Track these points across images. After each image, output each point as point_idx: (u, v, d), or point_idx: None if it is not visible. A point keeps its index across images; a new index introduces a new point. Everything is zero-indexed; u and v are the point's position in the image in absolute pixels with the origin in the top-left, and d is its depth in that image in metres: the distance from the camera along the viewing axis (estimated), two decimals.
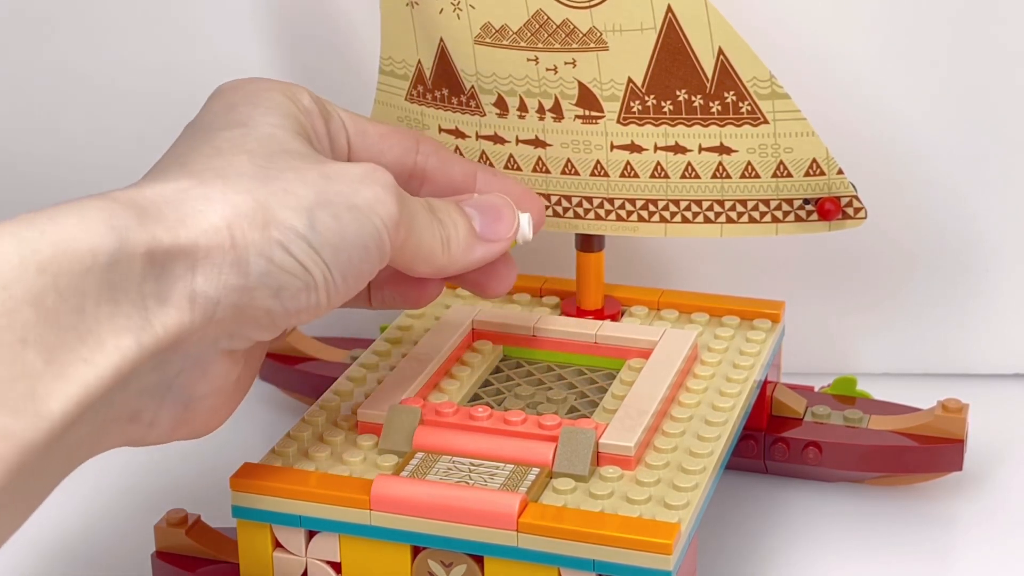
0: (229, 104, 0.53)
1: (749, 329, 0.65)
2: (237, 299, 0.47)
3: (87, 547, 0.63)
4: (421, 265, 0.53)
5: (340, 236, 0.48)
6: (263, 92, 0.53)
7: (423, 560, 0.52)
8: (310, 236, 0.48)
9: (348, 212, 0.49)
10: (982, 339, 0.74)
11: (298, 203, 0.48)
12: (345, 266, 0.49)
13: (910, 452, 0.64)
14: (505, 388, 0.61)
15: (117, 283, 0.44)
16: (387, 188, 0.50)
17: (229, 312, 0.47)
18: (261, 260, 0.47)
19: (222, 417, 0.51)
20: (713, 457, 0.55)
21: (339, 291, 0.49)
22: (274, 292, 0.47)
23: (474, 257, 0.55)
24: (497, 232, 0.55)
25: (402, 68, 0.65)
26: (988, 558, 0.62)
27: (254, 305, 0.47)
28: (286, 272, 0.47)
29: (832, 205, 0.61)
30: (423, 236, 0.52)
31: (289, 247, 0.47)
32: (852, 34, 0.68)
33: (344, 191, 0.49)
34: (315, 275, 0.48)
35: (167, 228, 0.45)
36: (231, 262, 0.46)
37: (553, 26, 0.59)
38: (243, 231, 0.46)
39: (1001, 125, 0.70)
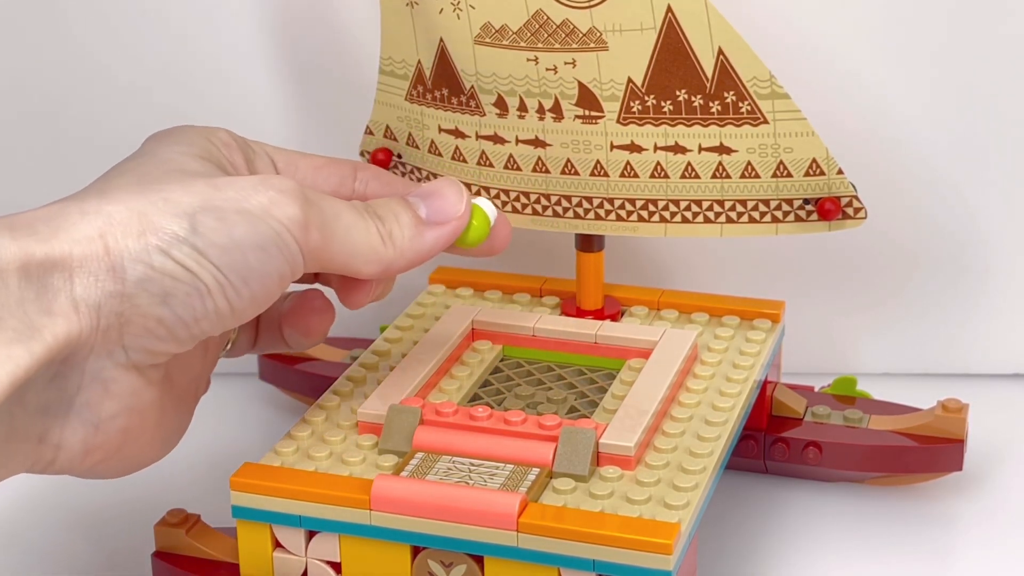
0: (142, 145, 0.53)
1: (749, 329, 0.65)
2: (119, 306, 0.46)
3: (87, 547, 0.63)
4: (364, 265, 0.52)
5: (228, 237, 0.47)
6: (177, 131, 0.53)
7: (423, 560, 0.52)
8: (192, 239, 0.47)
9: (237, 215, 0.48)
10: (982, 339, 0.75)
11: (178, 209, 0.47)
12: (242, 269, 0.48)
13: (910, 452, 0.64)
14: (505, 388, 0.61)
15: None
16: (284, 192, 0.49)
17: (114, 320, 0.47)
18: (139, 265, 0.46)
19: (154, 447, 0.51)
20: (713, 457, 0.55)
21: (242, 296, 0.48)
22: (161, 299, 0.47)
23: (426, 243, 0.53)
24: (445, 213, 0.54)
25: (402, 68, 0.65)
26: (988, 558, 0.62)
27: (141, 313, 0.47)
28: (169, 277, 0.47)
29: (832, 205, 0.61)
30: (353, 235, 0.51)
31: (170, 251, 0.47)
32: (852, 34, 0.68)
33: (233, 197, 0.48)
34: (205, 279, 0.47)
35: (39, 241, 0.45)
36: (107, 268, 0.46)
37: (553, 26, 0.59)
38: (116, 239, 0.46)
39: (1001, 125, 0.70)
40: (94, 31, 0.72)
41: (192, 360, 0.53)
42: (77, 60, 0.73)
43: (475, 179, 0.65)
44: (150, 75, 0.73)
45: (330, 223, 0.50)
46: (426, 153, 0.66)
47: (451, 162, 0.65)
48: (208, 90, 0.73)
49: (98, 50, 0.73)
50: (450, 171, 0.66)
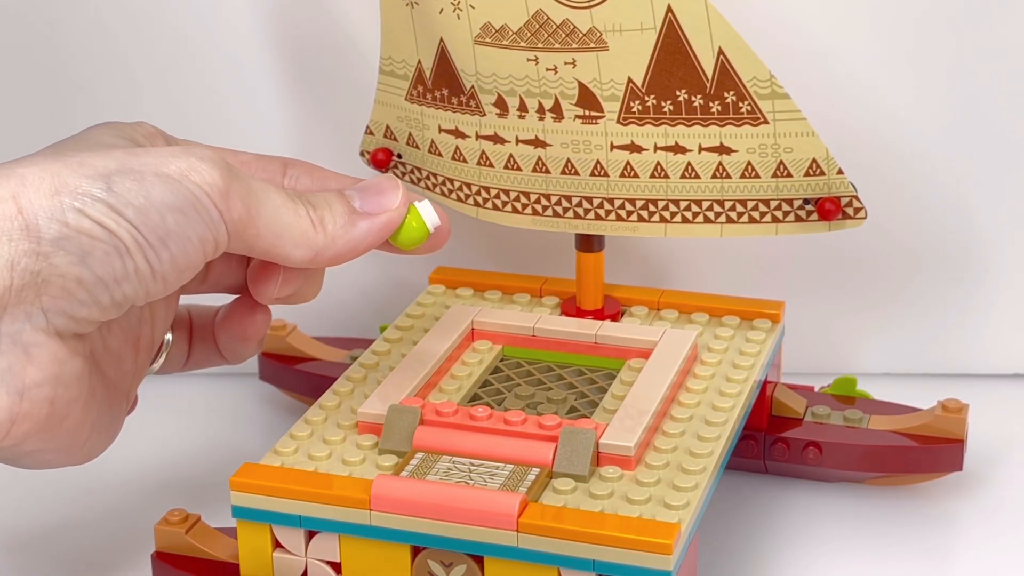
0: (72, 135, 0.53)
1: (749, 329, 0.65)
2: (34, 264, 0.46)
3: (87, 547, 0.63)
4: (294, 248, 0.52)
5: (145, 198, 0.47)
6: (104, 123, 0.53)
7: (423, 560, 0.52)
8: (107, 198, 0.47)
9: (155, 177, 0.48)
10: (982, 339, 0.74)
11: (93, 171, 0.47)
12: (160, 229, 0.48)
13: (910, 452, 0.64)
14: (505, 388, 0.61)
15: None
16: (204, 159, 0.49)
17: (29, 280, 0.46)
18: (54, 223, 0.46)
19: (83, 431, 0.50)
20: (713, 457, 0.55)
21: (162, 258, 0.48)
22: (79, 258, 0.46)
23: (358, 233, 0.53)
24: (380, 204, 0.54)
25: (402, 68, 0.65)
26: (988, 558, 0.62)
27: (59, 273, 0.46)
28: (86, 235, 0.46)
29: (832, 205, 0.61)
30: (282, 216, 0.51)
31: (85, 209, 0.46)
32: (852, 34, 0.68)
33: (151, 162, 0.48)
34: (123, 238, 0.47)
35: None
36: (20, 228, 0.46)
37: (553, 26, 0.59)
38: (30, 199, 0.46)
39: (1001, 125, 0.70)
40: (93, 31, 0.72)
41: (121, 349, 0.53)
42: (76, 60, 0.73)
43: (475, 179, 0.65)
44: (150, 75, 0.73)
45: (257, 199, 0.50)
46: (426, 153, 0.66)
47: (451, 162, 0.65)
48: (208, 90, 0.73)
49: (97, 50, 0.73)
50: (450, 171, 0.66)
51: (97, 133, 0.52)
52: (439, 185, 0.67)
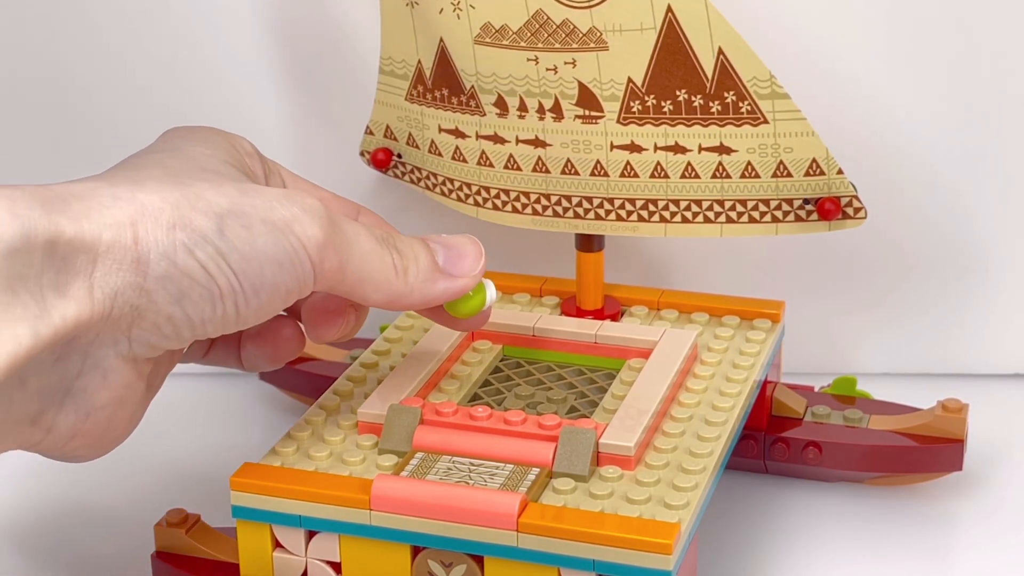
0: (166, 137, 0.53)
1: (749, 329, 0.65)
2: (135, 298, 0.46)
3: (87, 547, 0.63)
4: (374, 293, 0.52)
5: (250, 245, 0.47)
6: (201, 131, 0.53)
7: (423, 560, 0.52)
8: (217, 241, 0.47)
9: (262, 224, 0.48)
10: (982, 339, 0.74)
11: (208, 208, 0.47)
12: (256, 279, 0.48)
13: (910, 452, 0.64)
14: (505, 388, 0.61)
15: (16, 272, 0.43)
16: (309, 211, 0.49)
17: (127, 311, 0.46)
18: (163, 262, 0.46)
19: (119, 437, 0.50)
20: (713, 457, 0.55)
21: (250, 305, 0.48)
22: (176, 298, 0.47)
23: (436, 290, 0.54)
24: (461, 268, 0.55)
25: (402, 68, 0.65)
26: (988, 558, 0.62)
27: (155, 309, 0.47)
28: (188, 277, 0.47)
29: (832, 205, 0.61)
30: (369, 263, 0.51)
31: (194, 250, 0.47)
32: (852, 34, 0.68)
33: (260, 205, 0.48)
34: (220, 283, 0.47)
35: (71, 219, 0.45)
36: (132, 260, 0.46)
37: (553, 26, 0.59)
38: (147, 229, 0.46)
39: (1001, 125, 0.70)
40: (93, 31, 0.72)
41: (175, 357, 0.53)
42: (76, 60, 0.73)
43: (475, 179, 0.65)
44: (150, 75, 0.73)
45: (349, 248, 0.51)
46: (426, 153, 0.66)
47: (451, 162, 0.65)
48: (208, 90, 0.73)
49: (97, 50, 0.73)
50: (450, 171, 0.66)
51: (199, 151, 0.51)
52: (439, 185, 0.67)
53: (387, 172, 0.69)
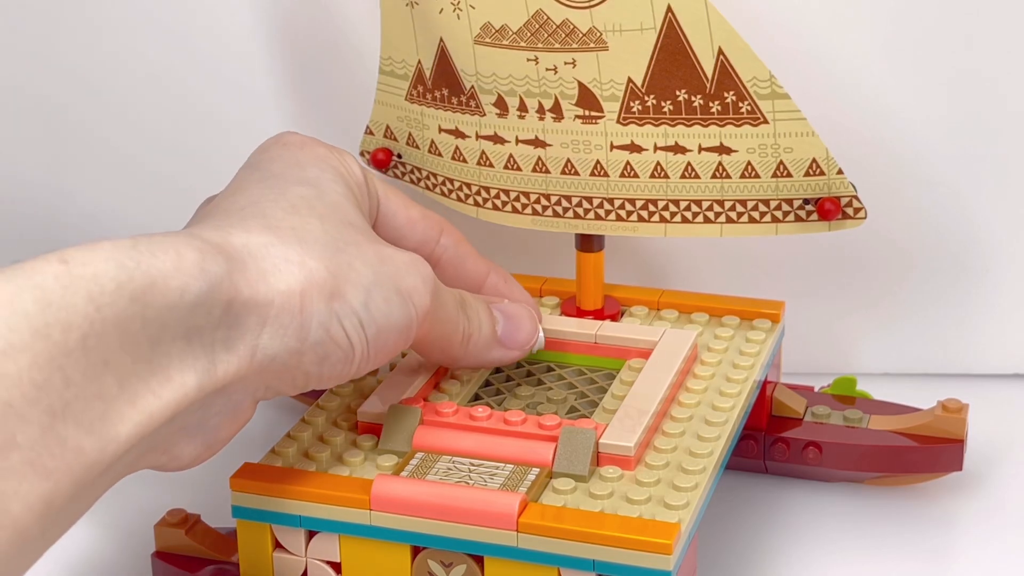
0: (296, 160, 0.54)
1: (749, 329, 0.65)
2: (288, 359, 0.49)
3: (87, 547, 0.63)
4: (436, 353, 0.56)
5: (386, 318, 0.51)
6: (326, 158, 0.55)
7: (423, 560, 0.52)
8: (363, 314, 0.50)
9: (396, 296, 0.51)
10: (982, 339, 0.74)
11: (359, 280, 0.50)
12: (381, 346, 0.51)
13: (910, 452, 0.64)
14: (505, 388, 0.61)
15: (195, 324, 0.46)
16: (426, 281, 0.52)
17: (279, 369, 0.49)
18: (320, 330, 0.49)
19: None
20: (713, 457, 0.55)
21: (366, 368, 0.51)
22: (320, 359, 0.50)
23: (490, 358, 0.58)
24: (516, 340, 0.58)
25: (402, 68, 0.65)
26: (988, 558, 0.62)
27: (300, 367, 0.49)
28: (335, 343, 0.49)
29: (832, 205, 0.61)
30: (447, 327, 0.55)
31: (343, 321, 0.49)
32: (852, 34, 0.68)
33: (393, 275, 0.51)
34: (357, 350, 0.50)
35: (249, 282, 0.47)
36: (296, 326, 0.48)
37: (553, 26, 0.59)
38: (312, 300, 0.49)
39: (1001, 125, 0.70)
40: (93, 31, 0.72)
41: None
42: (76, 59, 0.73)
43: (475, 179, 0.65)
44: (150, 75, 0.73)
45: (439, 314, 0.54)
46: (426, 153, 0.66)
47: (451, 162, 0.65)
48: (208, 90, 0.73)
49: (97, 50, 0.73)
50: (450, 171, 0.66)
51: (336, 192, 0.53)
52: (439, 185, 0.67)
53: (387, 172, 0.69)
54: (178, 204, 0.75)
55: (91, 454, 0.43)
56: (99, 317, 0.43)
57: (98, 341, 0.43)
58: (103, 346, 0.43)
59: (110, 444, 0.43)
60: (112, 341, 0.43)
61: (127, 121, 0.74)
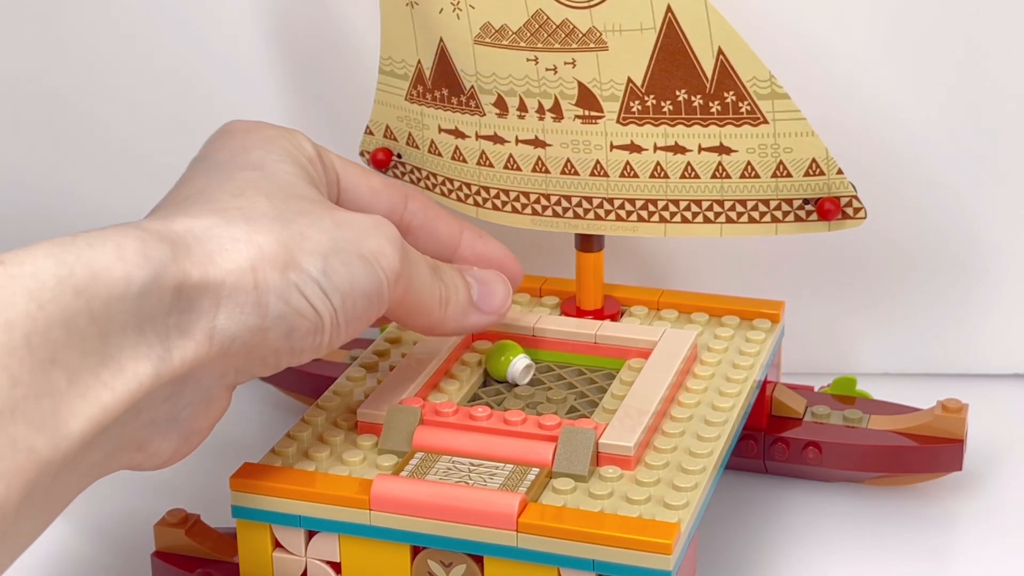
0: (242, 146, 0.54)
1: (749, 329, 0.65)
2: (251, 337, 0.48)
3: (87, 547, 0.63)
4: (416, 319, 0.55)
5: (349, 283, 0.50)
6: (273, 139, 0.55)
7: (423, 560, 0.52)
8: (323, 281, 0.49)
9: (358, 260, 0.50)
10: (982, 339, 0.74)
11: (314, 247, 0.49)
12: (350, 312, 0.50)
13: (910, 452, 0.64)
14: (505, 388, 0.61)
15: (145, 312, 0.45)
16: (392, 241, 0.51)
17: (241, 349, 0.48)
18: (279, 302, 0.48)
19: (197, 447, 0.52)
20: (713, 457, 0.55)
21: (340, 336, 0.51)
22: (286, 333, 0.49)
23: (468, 323, 0.57)
24: (492, 305, 0.58)
25: (402, 68, 0.65)
26: (988, 558, 0.62)
27: (266, 344, 0.49)
28: (299, 314, 0.49)
29: (832, 205, 0.61)
30: (423, 292, 0.54)
31: (304, 290, 0.49)
32: (852, 34, 0.68)
33: (353, 239, 0.50)
34: (324, 318, 0.50)
35: (196, 264, 0.47)
36: (253, 303, 0.48)
37: (553, 26, 0.59)
38: (265, 273, 0.48)
39: (1001, 125, 0.70)
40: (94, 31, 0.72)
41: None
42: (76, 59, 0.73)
43: (475, 179, 0.65)
44: (150, 75, 0.73)
45: (412, 278, 0.53)
46: (426, 153, 0.66)
47: (451, 162, 0.65)
48: (208, 90, 0.73)
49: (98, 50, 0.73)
50: (450, 171, 0.66)
51: (283, 170, 0.53)
52: (439, 185, 0.67)
53: (387, 172, 0.69)
54: None
55: (44, 452, 0.42)
56: (42, 314, 0.42)
57: (43, 338, 0.42)
58: (48, 343, 0.42)
59: (63, 441, 0.43)
60: (58, 337, 0.43)
61: (126, 121, 0.74)
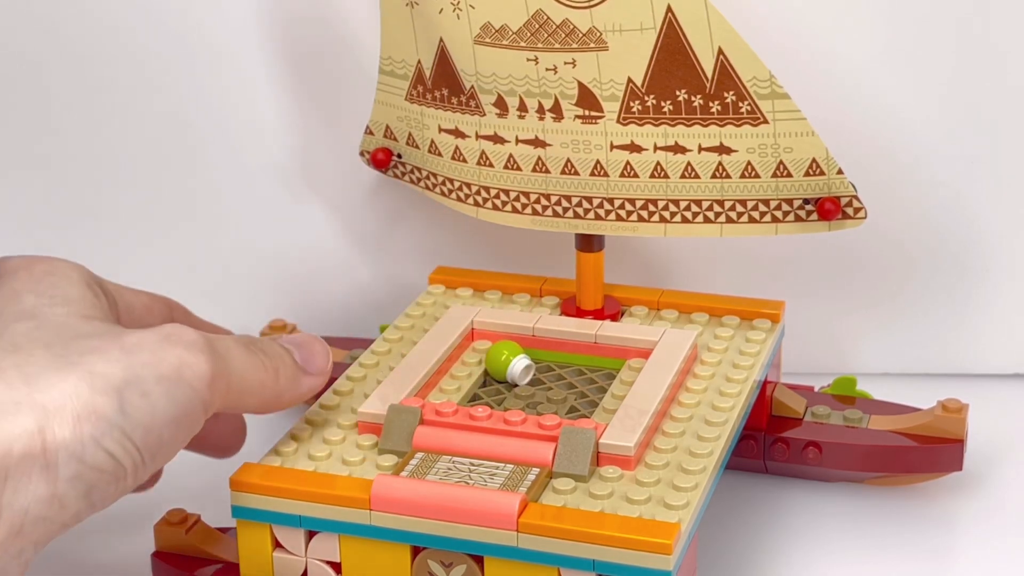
0: (12, 293, 0.50)
1: (749, 329, 0.65)
2: (46, 510, 0.44)
3: (87, 547, 0.63)
4: (251, 399, 0.52)
5: (151, 415, 0.47)
6: (44, 276, 0.51)
7: (423, 560, 0.52)
8: (121, 422, 0.46)
9: (157, 384, 0.47)
10: (981, 339, 0.74)
11: (106, 384, 0.46)
12: (155, 447, 0.47)
13: (910, 452, 0.64)
14: (505, 388, 0.61)
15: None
16: (190, 346, 0.48)
17: (37, 522, 0.44)
18: (72, 462, 0.45)
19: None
20: (713, 457, 0.55)
21: (148, 472, 0.48)
22: (85, 493, 0.45)
23: (303, 387, 0.54)
24: (316, 365, 0.55)
25: (402, 68, 0.65)
26: (988, 558, 0.62)
27: (68, 510, 0.45)
28: (96, 470, 0.45)
29: (832, 205, 0.61)
30: (247, 373, 0.51)
31: (101, 440, 0.45)
32: (852, 34, 0.68)
33: (149, 361, 0.47)
34: (126, 465, 0.46)
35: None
36: (40, 467, 0.44)
37: (553, 26, 0.59)
38: (54, 432, 0.44)
39: (1001, 126, 0.70)
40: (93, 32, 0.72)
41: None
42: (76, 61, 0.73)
43: (475, 179, 0.65)
44: (150, 75, 0.73)
45: (229, 368, 0.50)
46: (426, 153, 0.66)
47: (451, 162, 0.65)
48: (208, 90, 0.73)
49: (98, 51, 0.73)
50: (450, 171, 0.66)
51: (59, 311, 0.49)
52: (439, 185, 0.67)
53: (387, 172, 0.69)
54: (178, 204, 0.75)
55: None
56: None
57: None
58: None
59: None
60: None
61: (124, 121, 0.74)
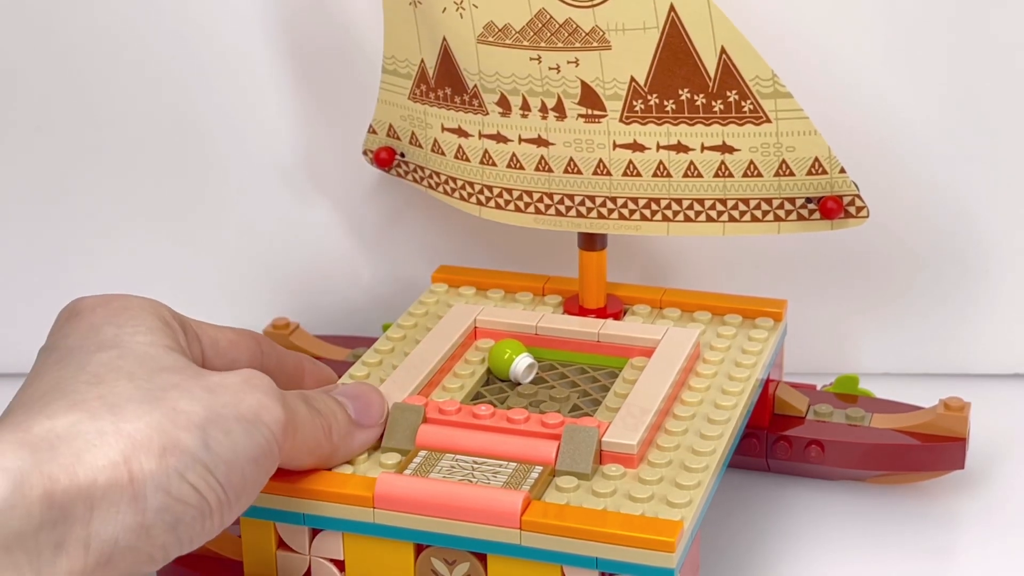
0: (91, 326, 0.50)
1: (751, 328, 0.65)
2: (135, 540, 0.45)
3: None
4: (306, 457, 0.52)
5: (232, 451, 0.47)
6: (124, 310, 0.51)
7: (426, 558, 0.52)
8: (204, 457, 0.46)
9: (237, 424, 0.47)
10: (983, 339, 0.75)
11: (189, 422, 0.46)
12: (238, 484, 0.47)
13: (912, 450, 0.64)
14: (508, 387, 0.61)
15: (13, 528, 0.42)
16: (268, 392, 0.49)
17: (125, 554, 0.45)
18: (160, 493, 0.45)
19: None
20: (716, 455, 0.55)
21: (233, 513, 0.48)
22: (172, 526, 0.45)
23: (355, 444, 0.54)
24: (371, 417, 0.55)
25: (405, 67, 0.65)
26: (990, 556, 0.62)
27: (152, 543, 0.45)
28: (182, 502, 0.45)
29: (834, 204, 0.61)
30: (305, 430, 0.51)
31: (186, 474, 0.45)
32: (854, 33, 0.68)
33: (229, 401, 0.48)
34: (210, 501, 0.46)
35: (63, 467, 0.43)
36: (129, 498, 0.44)
37: (556, 25, 0.59)
38: (140, 463, 0.45)
39: (1002, 126, 0.70)
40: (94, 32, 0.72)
41: None
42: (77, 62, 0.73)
43: (478, 178, 0.65)
44: (153, 76, 0.73)
45: (296, 422, 0.51)
46: (429, 152, 0.67)
47: (454, 161, 0.66)
48: (211, 91, 0.73)
49: (100, 52, 0.73)
50: (453, 170, 0.66)
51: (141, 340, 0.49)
52: (442, 184, 0.67)
53: (390, 171, 0.69)
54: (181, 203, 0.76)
55: None
56: None
57: None
58: None
59: None
60: None
61: (127, 122, 0.74)
